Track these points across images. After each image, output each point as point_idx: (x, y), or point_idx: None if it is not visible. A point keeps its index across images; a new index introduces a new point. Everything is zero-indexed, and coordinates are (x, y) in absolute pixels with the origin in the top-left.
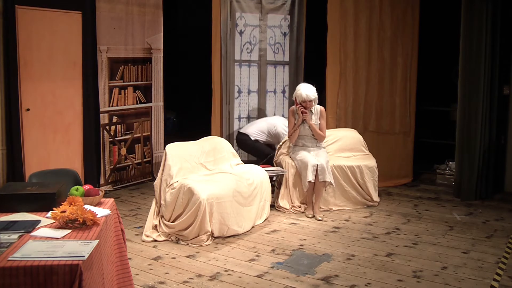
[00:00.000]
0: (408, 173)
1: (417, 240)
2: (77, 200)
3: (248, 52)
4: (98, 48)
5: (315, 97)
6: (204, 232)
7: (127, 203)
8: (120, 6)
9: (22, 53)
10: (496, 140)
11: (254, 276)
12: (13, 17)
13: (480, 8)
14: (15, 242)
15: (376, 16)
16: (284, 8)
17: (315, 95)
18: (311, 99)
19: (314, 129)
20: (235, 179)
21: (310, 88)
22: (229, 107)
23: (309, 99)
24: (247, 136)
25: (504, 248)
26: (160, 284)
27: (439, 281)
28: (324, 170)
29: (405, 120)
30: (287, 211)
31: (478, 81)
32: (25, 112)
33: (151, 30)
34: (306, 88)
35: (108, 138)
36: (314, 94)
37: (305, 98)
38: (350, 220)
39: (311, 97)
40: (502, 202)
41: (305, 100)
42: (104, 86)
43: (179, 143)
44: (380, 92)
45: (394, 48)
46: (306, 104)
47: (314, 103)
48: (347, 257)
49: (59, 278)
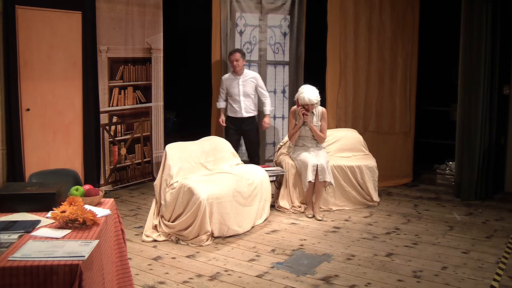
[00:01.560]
0: (408, 173)
1: (417, 240)
2: (77, 200)
3: (248, 52)
4: (98, 48)
5: (318, 101)
6: (204, 232)
7: (127, 203)
8: (120, 6)
9: (22, 53)
10: (496, 140)
11: (254, 276)
12: (13, 17)
13: (480, 8)
14: (15, 242)
15: (376, 16)
16: (284, 8)
17: (317, 99)
18: (313, 103)
19: (314, 131)
20: (235, 179)
21: (313, 92)
22: None
23: (311, 103)
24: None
25: (504, 248)
26: (160, 284)
27: (439, 281)
28: (324, 170)
29: (405, 120)
30: (287, 211)
31: (478, 81)
32: (25, 112)
33: (151, 30)
34: (309, 92)
35: (108, 138)
36: (316, 98)
37: (307, 102)
38: (350, 220)
39: (313, 101)
40: (502, 202)
41: (307, 104)
42: (104, 86)
43: (179, 143)
44: (380, 92)
45: (394, 48)
46: (308, 107)
47: (316, 106)
48: (347, 257)
49: (59, 278)
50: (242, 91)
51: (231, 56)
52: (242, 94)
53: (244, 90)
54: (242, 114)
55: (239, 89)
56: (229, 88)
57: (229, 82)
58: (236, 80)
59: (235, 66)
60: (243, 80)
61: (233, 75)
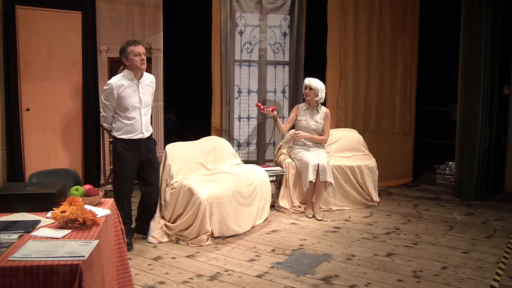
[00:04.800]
0: (408, 173)
1: (417, 240)
2: (77, 200)
3: (248, 52)
4: (98, 48)
5: (316, 88)
6: (204, 232)
7: None
8: (120, 6)
9: (22, 53)
10: (496, 140)
11: (254, 276)
12: (13, 17)
13: (480, 8)
14: (15, 242)
15: (376, 16)
16: (284, 8)
17: (316, 86)
18: (311, 86)
19: (312, 138)
20: (235, 179)
21: (316, 80)
22: (229, 107)
23: (309, 85)
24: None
25: (504, 248)
26: (160, 284)
27: (439, 281)
28: (325, 170)
29: (405, 120)
30: (287, 211)
31: (478, 81)
32: (25, 112)
33: (151, 30)
34: (312, 78)
35: (108, 138)
36: (316, 84)
37: (306, 84)
38: (350, 220)
39: (311, 84)
40: (502, 202)
41: (305, 86)
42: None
43: (179, 143)
44: (380, 92)
45: (394, 48)
46: (307, 92)
47: (317, 96)
48: (347, 257)
49: (59, 278)
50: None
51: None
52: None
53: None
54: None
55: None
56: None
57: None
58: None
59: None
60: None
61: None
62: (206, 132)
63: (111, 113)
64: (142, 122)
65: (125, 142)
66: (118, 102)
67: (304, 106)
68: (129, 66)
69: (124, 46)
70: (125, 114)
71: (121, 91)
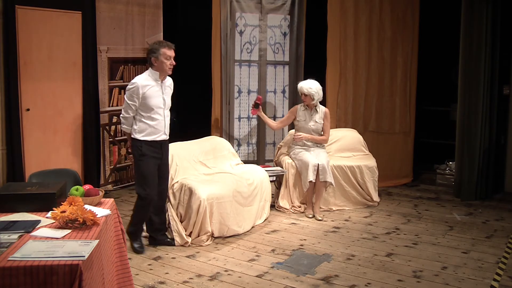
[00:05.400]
0: (408, 173)
1: (417, 240)
2: (77, 200)
3: (248, 52)
4: (98, 48)
5: (309, 93)
6: (204, 232)
7: (127, 203)
8: (120, 6)
9: (22, 53)
10: (496, 140)
11: (254, 276)
12: (13, 17)
13: (480, 8)
14: (15, 242)
15: (376, 16)
16: (284, 8)
17: (309, 92)
18: (304, 93)
19: (313, 139)
20: (235, 179)
21: (310, 83)
22: (229, 107)
23: (302, 91)
24: None
25: (504, 248)
26: (160, 284)
27: (439, 281)
28: (325, 170)
29: (405, 120)
30: (287, 211)
31: (478, 81)
32: (25, 112)
33: (151, 30)
34: (306, 82)
35: (108, 138)
36: (308, 90)
37: (299, 90)
38: (350, 220)
39: (303, 91)
40: (502, 202)
41: (301, 93)
42: (104, 86)
43: (179, 143)
44: (380, 92)
45: (394, 48)
46: (303, 97)
47: (313, 100)
48: (347, 257)
49: (59, 278)
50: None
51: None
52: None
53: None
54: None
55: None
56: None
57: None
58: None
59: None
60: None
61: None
62: (206, 132)
63: (132, 114)
64: (165, 123)
65: (148, 144)
66: (142, 102)
67: (302, 107)
68: (156, 67)
69: (157, 46)
70: (149, 114)
71: (146, 91)
